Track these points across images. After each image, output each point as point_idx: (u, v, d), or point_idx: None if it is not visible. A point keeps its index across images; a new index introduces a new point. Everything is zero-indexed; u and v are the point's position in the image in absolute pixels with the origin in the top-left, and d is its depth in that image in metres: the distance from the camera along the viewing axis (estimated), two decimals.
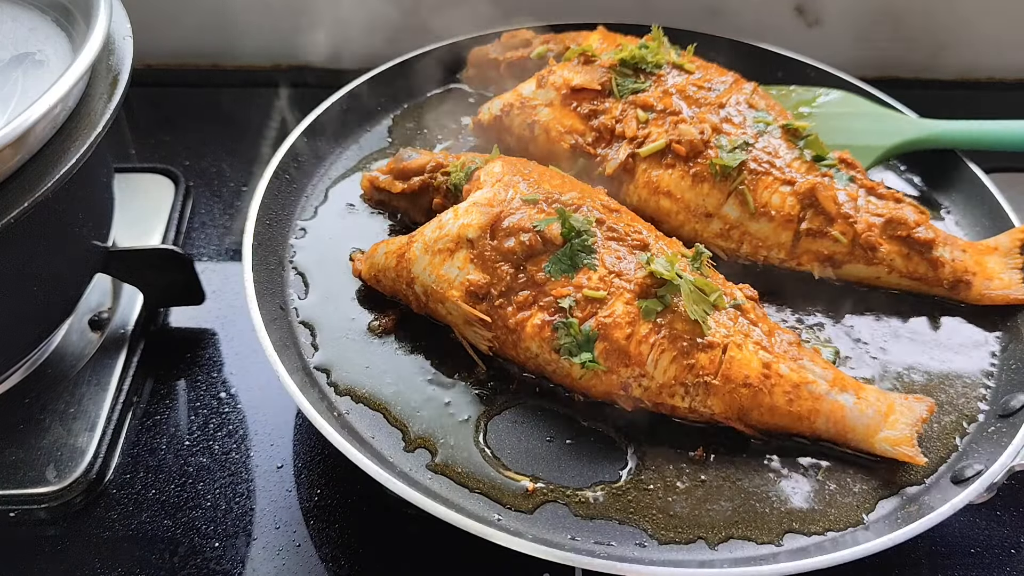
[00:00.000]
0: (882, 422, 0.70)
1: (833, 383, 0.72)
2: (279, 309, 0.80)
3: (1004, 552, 0.72)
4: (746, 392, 0.71)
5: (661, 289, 0.72)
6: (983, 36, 1.25)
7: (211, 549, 0.71)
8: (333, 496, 0.75)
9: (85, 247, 0.78)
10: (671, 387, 0.71)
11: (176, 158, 1.10)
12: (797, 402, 0.71)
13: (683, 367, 0.71)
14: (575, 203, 0.78)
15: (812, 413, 0.71)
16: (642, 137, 0.89)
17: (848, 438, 0.71)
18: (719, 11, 1.23)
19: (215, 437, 0.80)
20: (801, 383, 0.71)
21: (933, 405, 0.72)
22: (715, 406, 0.71)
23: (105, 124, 0.67)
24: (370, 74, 1.03)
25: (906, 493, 0.70)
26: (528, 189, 0.78)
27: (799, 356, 0.73)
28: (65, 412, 0.79)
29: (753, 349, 0.72)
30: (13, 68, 0.70)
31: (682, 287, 0.72)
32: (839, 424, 0.71)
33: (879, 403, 0.71)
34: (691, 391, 0.71)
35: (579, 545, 0.65)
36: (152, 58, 1.25)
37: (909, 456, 0.69)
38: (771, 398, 0.71)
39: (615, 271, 0.74)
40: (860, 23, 1.25)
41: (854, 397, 0.71)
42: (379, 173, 0.90)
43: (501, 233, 0.76)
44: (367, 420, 0.73)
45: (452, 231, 0.76)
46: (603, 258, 0.75)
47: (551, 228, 0.75)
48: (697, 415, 0.72)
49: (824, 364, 0.74)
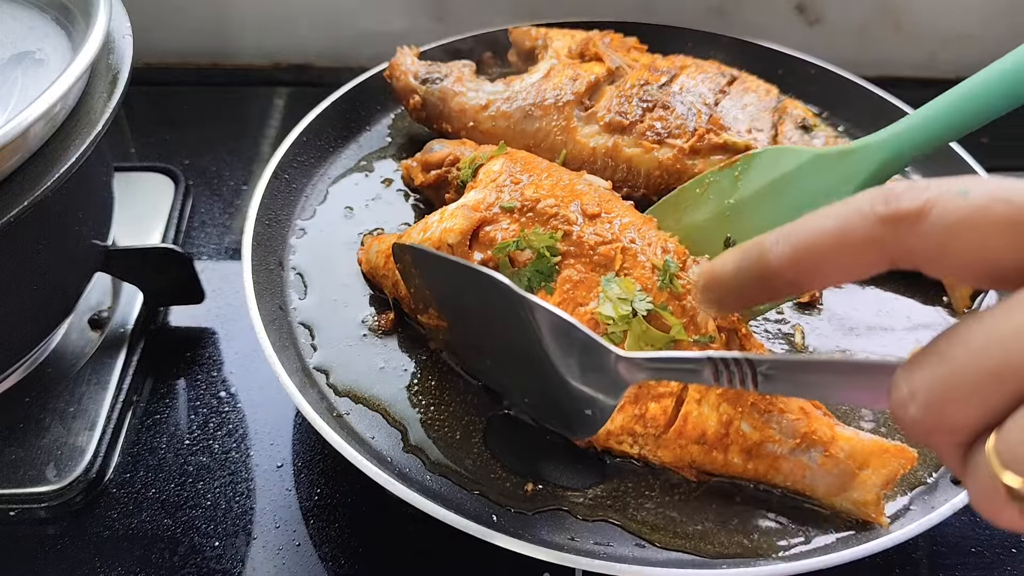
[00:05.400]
0: (848, 482, 0.65)
1: (801, 439, 0.65)
2: (278, 309, 0.80)
3: (1004, 552, 0.72)
4: (698, 449, 0.67)
5: (612, 325, 0.67)
6: (983, 35, 1.25)
7: (211, 548, 0.71)
8: (333, 495, 0.75)
9: (85, 246, 0.78)
10: (619, 435, 0.68)
11: (176, 157, 1.09)
12: (754, 461, 0.67)
13: (632, 416, 0.67)
14: (547, 212, 0.72)
15: (770, 471, 0.67)
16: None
17: (809, 495, 0.67)
18: (720, 9, 1.23)
19: (215, 436, 0.80)
20: (762, 441, 0.66)
21: (914, 458, 0.66)
22: (665, 457, 0.68)
23: (105, 123, 0.67)
24: (370, 73, 1.03)
25: (906, 493, 0.70)
26: (510, 195, 0.75)
27: (769, 407, 0.66)
28: (65, 411, 0.79)
29: (715, 402, 0.66)
30: (13, 67, 0.70)
31: (631, 326, 0.66)
32: (799, 483, 0.66)
33: (850, 460, 0.65)
34: (640, 441, 0.68)
35: (579, 546, 0.65)
36: (152, 57, 1.25)
37: (872, 518, 0.65)
38: (725, 456, 0.67)
39: (571, 298, 0.70)
40: (861, 22, 1.25)
41: (821, 454, 0.65)
42: (413, 162, 0.90)
43: (477, 244, 0.73)
44: (367, 420, 0.73)
45: (435, 234, 0.75)
46: (561, 282, 0.70)
47: (518, 253, 0.71)
48: (648, 462, 0.70)
49: (799, 410, 0.67)
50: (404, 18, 1.23)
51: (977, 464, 0.34)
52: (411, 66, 0.99)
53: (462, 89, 0.96)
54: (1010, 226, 0.33)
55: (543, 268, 0.71)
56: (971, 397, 0.33)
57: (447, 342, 0.77)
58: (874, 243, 0.36)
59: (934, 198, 0.35)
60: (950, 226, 0.34)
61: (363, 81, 1.03)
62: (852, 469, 0.66)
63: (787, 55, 1.08)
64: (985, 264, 0.34)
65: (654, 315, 0.68)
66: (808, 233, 0.38)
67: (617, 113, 0.90)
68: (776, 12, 1.24)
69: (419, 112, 0.99)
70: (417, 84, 0.98)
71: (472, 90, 0.96)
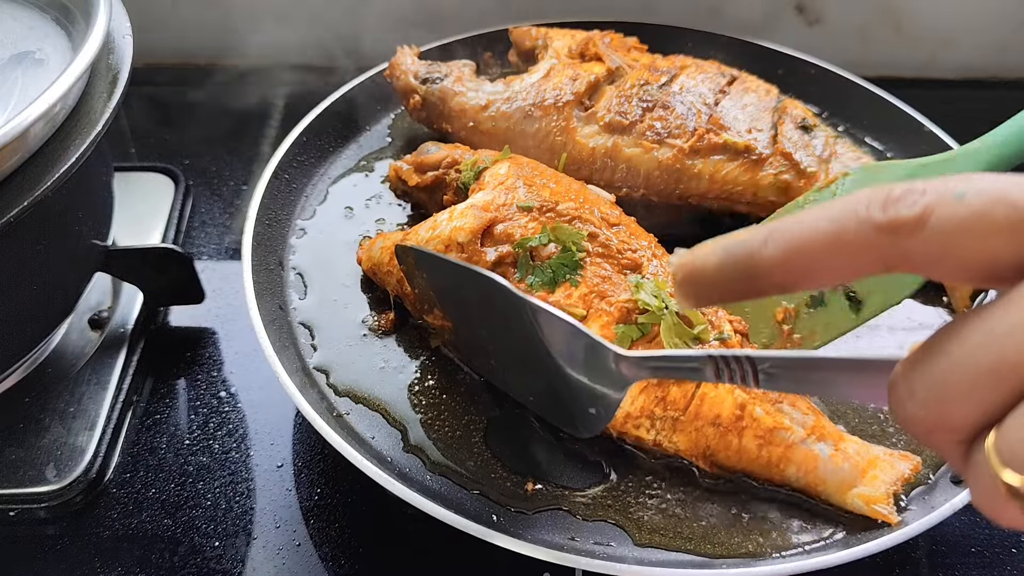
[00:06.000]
0: (858, 477, 0.66)
1: (811, 431, 0.68)
2: (278, 309, 0.80)
3: (1004, 552, 0.72)
4: (713, 432, 0.67)
5: (642, 316, 0.70)
6: (983, 35, 1.25)
7: (211, 548, 0.71)
8: (333, 495, 0.75)
9: (85, 246, 0.78)
10: (637, 419, 0.69)
11: (176, 157, 1.09)
12: (768, 447, 0.67)
13: (653, 399, 0.69)
14: (570, 213, 0.75)
15: (783, 460, 0.67)
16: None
17: (819, 490, 0.67)
18: (719, 9, 1.23)
19: (215, 436, 0.80)
20: (775, 428, 0.67)
21: (919, 464, 0.67)
22: (680, 442, 0.69)
23: (105, 123, 0.67)
24: (370, 73, 1.03)
25: (906, 493, 0.69)
26: (526, 195, 0.76)
27: (780, 398, 0.69)
28: (65, 411, 0.79)
29: (730, 387, 0.68)
30: (13, 67, 0.70)
31: (664, 319, 0.69)
32: (811, 475, 0.67)
33: (858, 457, 0.67)
34: (657, 425, 0.69)
35: (579, 546, 0.65)
36: (152, 57, 1.24)
37: (882, 515, 0.65)
38: (740, 440, 0.67)
39: (597, 291, 0.71)
40: (861, 22, 1.25)
41: (831, 448, 0.67)
42: (404, 163, 0.90)
43: (490, 240, 0.74)
44: (367, 420, 0.73)
45: (444, 232, 0.75)
46: (588, 276, 0.72)
47: (540, 248, 0.72)
48: (662, 450, 0.70)
49: (807, 408, 0.69)
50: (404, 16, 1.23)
51: (978, 462, 0.34)
52: (411, 66, 0.99)
53: (462, 89, 0.96)
54: (1010, 228, 0.33)
55: (569, 261, 0.72)
56: (969, 395, 0.33)
57: (452, 342, 0.78)
58: (870, 249, 0.35)
59: (932, 204, 0.34)
60: (949, 233, 0.33)
61: (363, 81, 1.03)
62: (861, 466, 0.67)
63: (787, 55, 1.08)
64: (983, 266, 0.34)
65: (681, 314, 0.70)
66: (800, 234, 0.36)
67: (617, 113, 0.90)
68: (776, 12, 1.23)
69: (419, 112, 0.99)
70: (417, 84, 0.98)
71: (472, 90, 0.96)
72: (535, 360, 0.59)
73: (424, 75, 0.98)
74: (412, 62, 1.00)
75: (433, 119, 0.98)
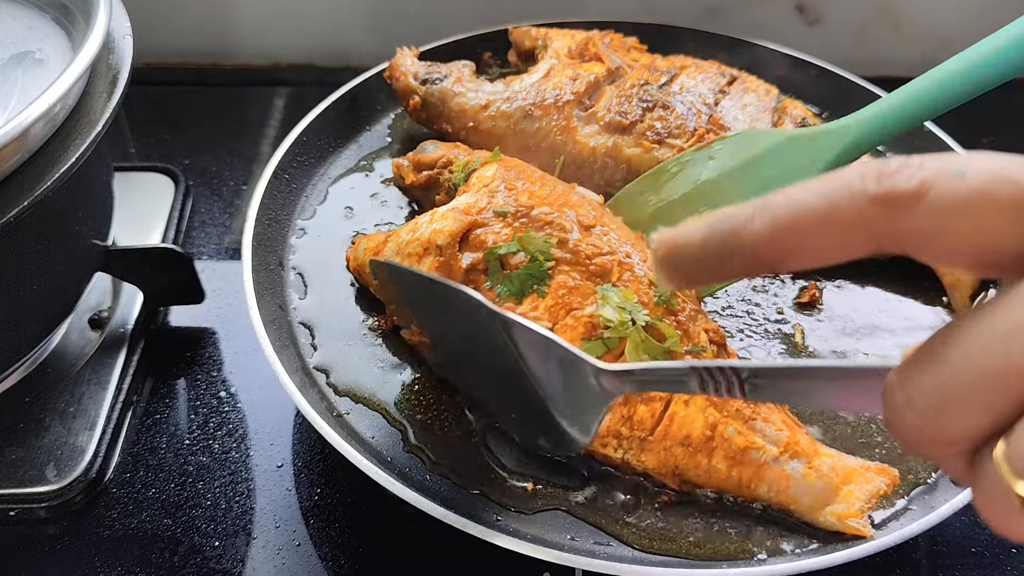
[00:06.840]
0: (832, 496, 0.65)
1: (785, 447, 0.66)
2: (278, 309, 0.80)
3: (1004, 552, 0.72)
4: (682, 452, 0.66)
5: (607, 332, 0.67)
6: (983, 35, 1.25)
7: (211, 548, 0.71)
8: (333, 495, 0.75)
9: (85, 246, 0.78)
10: (604, 437, 0.68)
11: (176, 157, 1.09)
12: (738, 468, 0.66)
13: (619, 418, 0.67)
14: (543, 219, 0.72)
15: (754, 480, 0.66)
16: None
17: (792, 509, 0.66)
18: (719, 9, 1.23)
19: (215, 436, 0.80)
20: (747, 448, 0.65)
21: (896, 478, 0.66)
22: (648, 462, 0.67)
23: (105, 123, 0.67)
24: (370, 72, 1.03)
25: (907, 493, 0.70)
26: (504, 199, 0.74)
27: (753, 415, 0.67)
28: (65, 411, 0.79)
29: (702, 405, 0.66)
30: (12, 67, 0.70)
31: (631, 334, 0.66)
32: (782, 495, 0.66)
33: (832, 474, 0.65)
34: (624, 444, 0.67)
35: (579, 545, 0.65)
36: (152, 57, 1.25)
37: (855, 530, 0.64)
38: (710, 461, 0.66)
39: (563, 303, 0.69)
40: (860, 22, 1.25)
41: (804, 466, 0.65)
42: (404, 161, 0.90)
43: (467, 246, 0.73)
44: (367, 420, 0.73)
45: (424, 235, 0.74)
46: (554, 287, 0.70)
47: (510, 256, 0.71)
48: (630, 468, 0.69)
49: (783, 422, 0.67)
50: (405, 15, 1.23)
51: (985, 473, 0.31)
52: (411, 66, 0.99)
53: (462, 89, 0.96)
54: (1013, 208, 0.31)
55: (536, 271, 0.70)
56: (973, 402, 0.31)
57: (431, 358, 0.76)
58: (863, 224, 0.33)
59: (931, 178, 0.31)
60: (947, 209, 0.31)
61: (363, 81, 1.03)
62: (835, 483, 0.65)
63: (787, 55, 1.08)
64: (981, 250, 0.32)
65: (651, 327, 0.68)
66: (789, 210, 0.34)
67: (617, 113, 0.90)
68: (776, 12, 1.24)
69: (419, 112, 0.99)
70: (417, 85, 0.98)
71: (472, 90, 0.96)
72: (514, 378, 0.57)
73: (424, 76, 0.98)
74: (412, 63, 1.00)
75: (433, 120, 0.98)
